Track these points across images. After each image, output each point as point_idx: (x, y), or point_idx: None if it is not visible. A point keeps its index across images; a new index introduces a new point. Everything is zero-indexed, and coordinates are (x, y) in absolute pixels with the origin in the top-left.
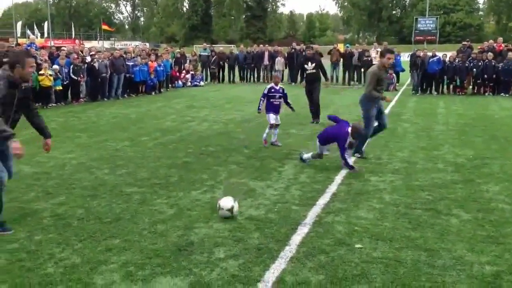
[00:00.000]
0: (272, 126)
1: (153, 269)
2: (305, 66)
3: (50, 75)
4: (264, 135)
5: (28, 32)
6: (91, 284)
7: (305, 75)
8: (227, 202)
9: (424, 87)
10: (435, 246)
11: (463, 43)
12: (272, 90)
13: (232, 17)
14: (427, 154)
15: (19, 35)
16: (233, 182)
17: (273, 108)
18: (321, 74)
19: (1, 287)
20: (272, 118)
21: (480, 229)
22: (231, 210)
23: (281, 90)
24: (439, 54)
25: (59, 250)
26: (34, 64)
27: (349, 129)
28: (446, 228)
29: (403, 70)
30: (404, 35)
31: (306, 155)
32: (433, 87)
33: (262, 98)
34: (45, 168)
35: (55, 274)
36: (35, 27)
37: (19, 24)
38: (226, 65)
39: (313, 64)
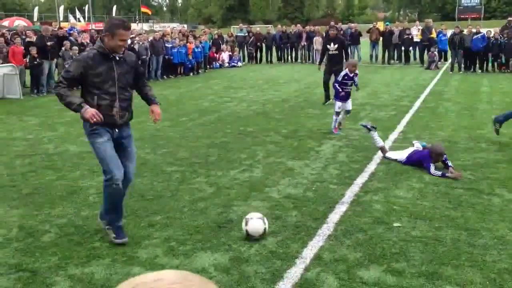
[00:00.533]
0: (338, 114)
1: (194, 245)
2: (328, 46)
3: None
4: (333, 123)
5: (70, 16)
6: (135, 258)
7: (327, 56)
8: (257, 227)
9: (468, 64)
10: (476, 225)
11: (509, 18)
12: (346, 77)
13: None
14: (469, 133)
15: (61, 19)
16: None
17: (340, 96)
18: (344, 55)
19: (52, 259)
20: (337, 105)
21: None
22: (264, 232)
23: (354, 77)
24: (483, 31)
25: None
26: (127, 38)
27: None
28: (487, 207)
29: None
30: (447, 11)
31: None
32: (477, 65)
33: (335, 84)
34: (89, 147)
35: (102, 248)
36: (76, 11)
37: (61, 8)
38: (264, 46)
39: (336, 45)
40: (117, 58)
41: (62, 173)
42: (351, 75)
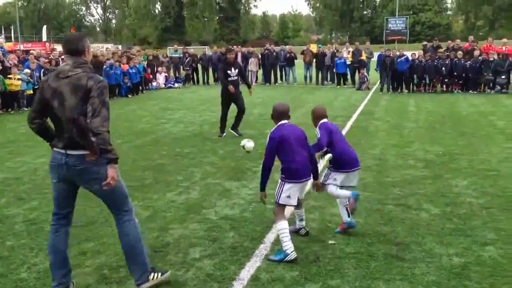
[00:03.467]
0: None
1: (128, 271)
2: (228, 72)
3: (19, 79)
4: None
5: None
6: None
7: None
8: (250, 145)
9: (395, 85)
10: (405, 240)
11: (423, 43)
12: None
13: (205, 19)
14: (398, 151)
15: None
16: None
17: None
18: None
19: None
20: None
21: (449, 223)
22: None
23: None
24: (407, 53)
25: (32, 255)
26: None
27: None
28: (416, 222)
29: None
30: (375, 35)
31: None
32: (403, 86)
33: None
34: (16, 173)
35: (29, 279)
36: (2, 30)
37: None
38: (200, 67)
39: (236, 70)
40: None
41: None
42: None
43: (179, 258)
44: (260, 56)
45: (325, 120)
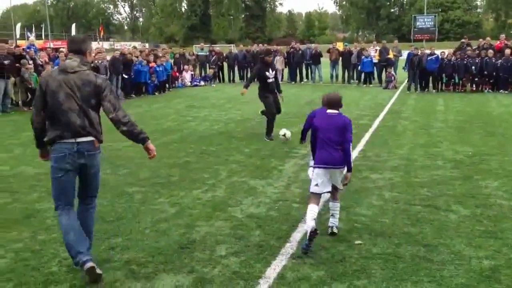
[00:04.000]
0: None
1: (155, 267)
2: (266, 73)
3: None
4: None
5: (28, 33)
6: (95, 282)
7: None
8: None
9: (423, 85)
10: (434, 241)
11: (462, 40)
12: None
13: (231, 17)
14: (426, 151)
15: (18, 36)
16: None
17: None
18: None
19: (7, 285)
20: None
21: (479, 225)
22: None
23: None
24: (437, 52)
25: (62, 249)
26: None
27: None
28: (444, 223)
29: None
30: (403, 33)
31: None
32: (432, 85)
33: None
34: (47, 169)
35: (59, 273)
36: (33, 28)
37: (18, 25)
38: (226, 65)
39: (274, 72)
40: None
41: (18, 196)
42: None
43: (205, 255)
44: (285, 55)
45: (325, 108)
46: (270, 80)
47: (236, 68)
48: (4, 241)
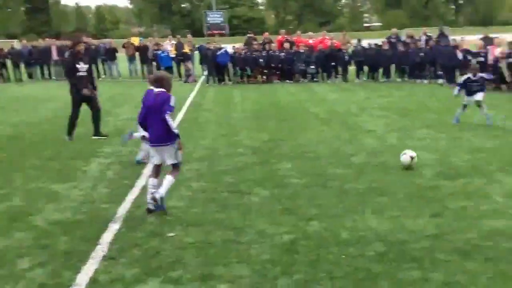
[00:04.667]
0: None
1: None
2: (77, 66)
3: None
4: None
5: None
6: None
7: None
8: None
9: (220, 77)
10: (241, 224)
11: (248, 35)
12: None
13: (9, 9)
14: (228, 140)
15: None
16: None
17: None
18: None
19: None
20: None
21: (278, 203)
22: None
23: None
24: (228, 46)
25: None
26: None
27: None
28: (249, 206)
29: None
30: (197, 28)
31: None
32: (227, 78)
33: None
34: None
35: None
36: None
37: None
38: (9, 62)
39: (87, 65)
40: None
41: None
42: (474, 78)
43: (5, 271)
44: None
45: (151, 87)
46: (81, 74)
47: (22, 66)
48: None
